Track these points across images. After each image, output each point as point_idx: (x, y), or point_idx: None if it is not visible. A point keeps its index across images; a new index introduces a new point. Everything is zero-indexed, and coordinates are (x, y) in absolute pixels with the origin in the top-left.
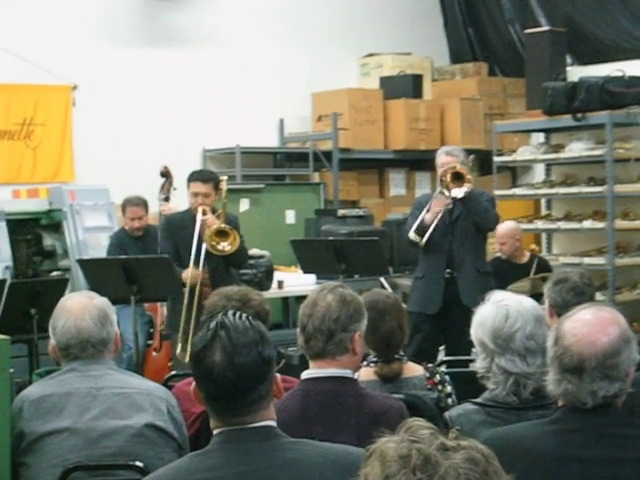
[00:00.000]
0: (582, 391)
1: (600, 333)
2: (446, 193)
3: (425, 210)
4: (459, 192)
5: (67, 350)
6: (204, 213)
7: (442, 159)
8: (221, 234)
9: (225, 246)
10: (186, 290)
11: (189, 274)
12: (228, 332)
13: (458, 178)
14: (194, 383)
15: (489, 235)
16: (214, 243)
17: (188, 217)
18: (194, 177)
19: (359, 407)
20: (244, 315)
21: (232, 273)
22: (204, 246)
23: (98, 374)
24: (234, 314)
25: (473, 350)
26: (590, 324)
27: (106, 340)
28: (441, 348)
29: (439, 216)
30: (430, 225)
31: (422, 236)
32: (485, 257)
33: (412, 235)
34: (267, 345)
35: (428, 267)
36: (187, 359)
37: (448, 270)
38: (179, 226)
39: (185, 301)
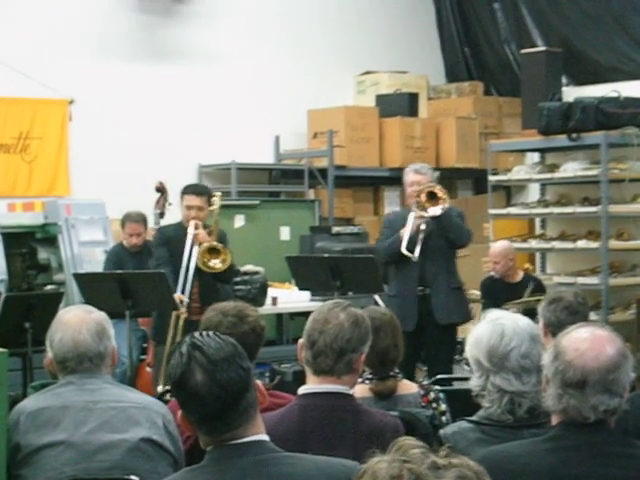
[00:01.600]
0: (584, 405)
1: (601, 348)
2: (424, 214)
3: (408, 227)
4: (436, 210)
5: (64, 363)
6: (196, 227)
7: (411, 177)
8: (212, 251)
9: (216, 263)
10: (183, 267)
11: (178, 291)
12: (202, 351)
13: (433, 197)
14: (180, 413)
15: (482, 254)
16: (205, 260)
17: (180, 230)
18: (188, 190)
19: (356, 423)
20: (211, 333)
21: (221, 289)
22: (194, 260)
23: (95, 388)
24: (201, 334)
25: (463, 366)
26: (590, 340)
27: (103, 354)
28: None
29: (422, 227)
30: (416, 238)
31: (412, 251)
32: (457, 272)
33: (405, 251)
34: (243, 356)
35: (401, 285)
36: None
37: (420, 287)
38: (172, 237)
39: (182, 276)
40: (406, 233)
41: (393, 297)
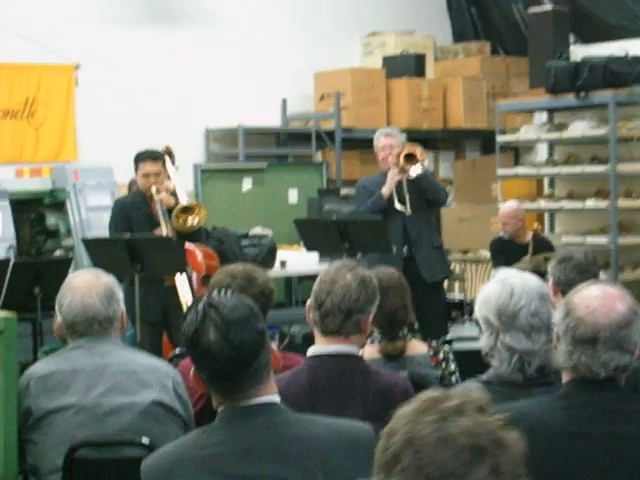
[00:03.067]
0: (595, 362)
1: (613, 305)
2: (405, 175)
3: (387, 185)
4: (417, 169)
5: (73, 327)
6: (158, 192)
7: (382, 141)
8: (185, 210)
9: (194, 220)
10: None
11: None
12: (218, 310)
13: (410, 158)
14: (192, 369)
15: (491, 214)
16: (182, 222)
17: (138, 199)
18: (143, 157)
19: (365, 384)
20: (229, 292)
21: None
22: (168, 222)
23: (104, 351)
24: (219, 292)
25: (472, 325)
26: (601, 297)
27: (112, 318)
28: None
29: (404, 183)
30: (402, 193)
31: (404, 205)
32: (438, 232)
33: (398, 206)
34: (258, 317)
35: None
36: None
37: (405, 248)
38: (133, 208)
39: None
40: (387, 190)
41: (378, 259)
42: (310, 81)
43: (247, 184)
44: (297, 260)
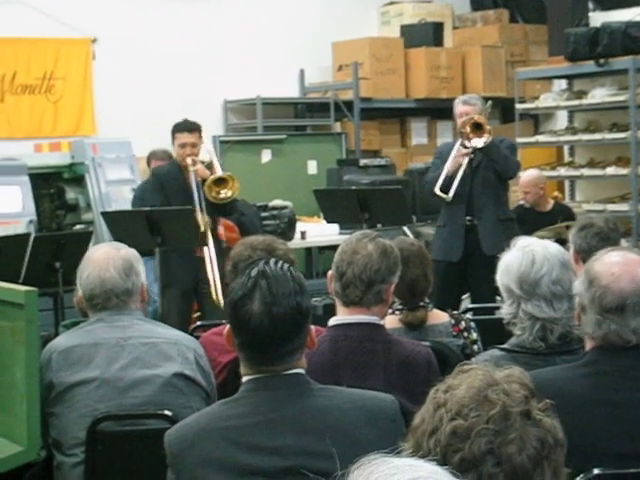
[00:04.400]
0: (625, 329)
1: (636, 270)
2: (467, 144)
3: (448, 163)
4: (479, 142)
5: (92, 301)
6: (194, 163)
7: (460, 108)
8: (219, 182)
9: (227, 192)
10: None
11: (200, 222)
12: (269, 281)
13: (478, 128)
14: (227, 327)
15: (512, 183)
16: (214, 194)
17: (174, 169)
18: (180, 128)
19: (387, 353)
20: (285, 265)
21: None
22: (202, 194)
23: (125, 324)
24: (275, 263)
25: (497, 298)
26: (623, 263)
27: (131, 291)
28: (465, 297)
29: (463, 168)
30: (453, 177)
31: (447, 192)
32: (507, 204)
33: (438, 192)
34: (305, 296)
35: (449, 216)
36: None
37: (468, 218)
38: (168, 179)
39: (213, 249)
40: (445, 168)
41: (441, 227)
42: (328, 51)
43: (266, 156)
44: (317, 231)
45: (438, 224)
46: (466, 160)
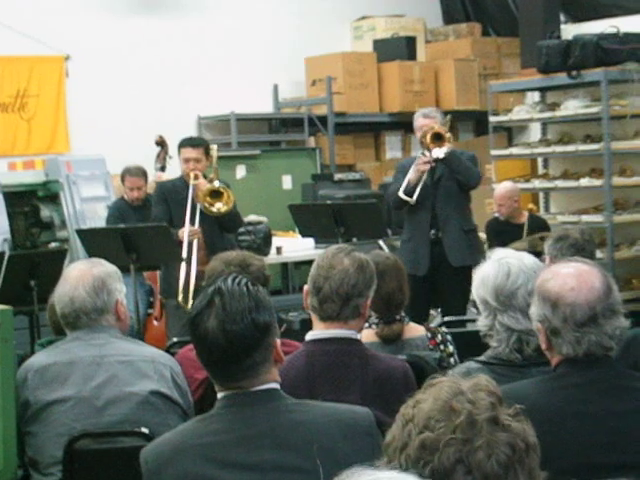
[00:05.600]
0: (604, 337)
1: (589, 277)
2: (427, 154)
3: (410, 172)
4: (440, 152)
5: (65, 319)
6: (196, 178)
7: (420, 122)
8: (215, 195)
9: (220, 207)
10: (184, 245)
11: (185, 231)
12: (223, 298)
13: (438, 139)
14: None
15: (486, 196)
16: (207, 205)
17: (180, 183)
18: (184, 143)
19: (364, 368)
20: (244, 280)
21: (228, 238)
22: (198, 208)
23: (102, 342)
24: (233, 279)
25: (470, 309)
26: (576, 274)
27: (101, 309)
28: (433, 312)
29: (424, 176)
30: (417, 184)
31: (411, 196)
32: (470, 215)
33: (403, 195)
34: (263, 312)
35: (413, 229)
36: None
37: (433, 231)
38: (171, 192)
39: (185, 254)
40: (407, 177)
41: (406, 241)
42: (301, 66)
43: (241, 171)
44: (293, 246)
45: (403, 238)
46: (427, 168)
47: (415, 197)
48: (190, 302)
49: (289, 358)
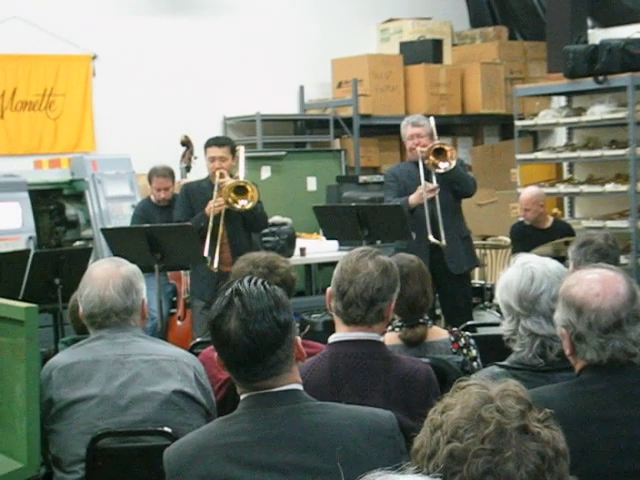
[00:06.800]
0: (628, 343)
1: (614, 283)
2: (438, 171)
3: (413, 197)
4: (448, 165)
5: (92, 319)
6: (221, 176)
7: (410, 130)
8: (239, 191)
9: (245, 204)
10: (210, 217)
11: (212, 204)
12: (242, 299)
13: (440, 153)
14: (216, 352)
15: (512, 200)
16: (231, 200)
17: (206, 184)
18: (210, 142)
19: (387, 370)
20: (259, 281)
21: (253, 239)
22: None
23: (125, 341)
24: (249, 280)
25: (493, 312)
26: (602, 280)
27: (130, 309)
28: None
29: (425, 204)
30: (413, 208)
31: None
32: (464, 222)
33: (432, 239)
34: (283, 310)
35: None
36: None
37: (432, 238)
38: (196, 192)
39: (210, 226)
40: (414, 201)
41: (405, 249)
42: (327, 68)
43: (266, 172)
44: (316, 247)
45: (400, 247)
46: (434, 195)
47: (443, 240)
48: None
49: (312, 360)
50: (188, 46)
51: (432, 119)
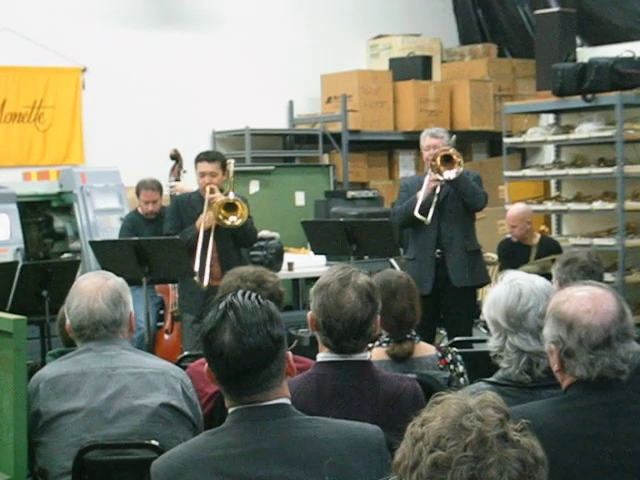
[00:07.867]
0: (617, 360)
1: (604, 300)
2: (439, 177)
3: (422, 192)
4: (451, 174)
5: (80, 331)
6: (212, 191)
7: (427, 141)
8: (229, 208)
9: (234, 220)
10: (200, 232)
11: (202, 219)
12: (237, 312)
13: (448, 160)
14: (206, 365)
15: (498, 217)
16: (221, 217)
17: (196, 197)
18: (200, 157)
19: (374, 390)
20: (253, 295)
21: (242, 253)
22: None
23: (113, 354)
24: (243, 294)
25: (480, 329)
26: (592, 297)
27: (119, 321)
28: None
29: (437, 191)
30: (430, 203)
31: (426, 215)
32: (474, 236)
33: (418, 215)
34: (276, 324)
35: (418, 248)
36: (204, 284)
37: (438, 250)
38: (187, 206)
39: (200, 241)
40: (420, 196)
41: (410, 260)
42: (317, 83)
43: (254, 187)
44: (304, 262)
45: (407, 257)
46: (437, 184)
47: (430, 217)
48: (206, 281)
49: (299, 380)
50: (178, 60)
51: (454, 135)
